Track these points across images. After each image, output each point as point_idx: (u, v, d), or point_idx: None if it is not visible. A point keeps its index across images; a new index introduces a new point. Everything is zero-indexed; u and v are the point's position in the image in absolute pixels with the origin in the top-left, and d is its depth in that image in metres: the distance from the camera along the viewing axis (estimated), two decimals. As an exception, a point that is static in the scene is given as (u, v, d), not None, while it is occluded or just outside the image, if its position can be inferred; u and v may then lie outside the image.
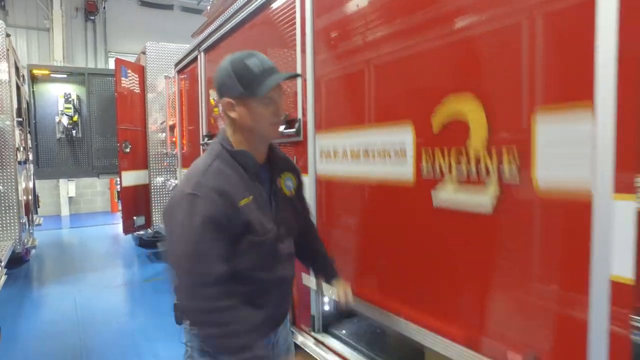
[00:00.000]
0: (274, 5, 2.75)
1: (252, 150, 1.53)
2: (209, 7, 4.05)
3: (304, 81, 2.43)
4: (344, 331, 2.38)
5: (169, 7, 13.72)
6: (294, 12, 2.51)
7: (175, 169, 5.71)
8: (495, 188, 1.41)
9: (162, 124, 6.25)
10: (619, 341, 1.11)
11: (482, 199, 1.44)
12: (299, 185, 1.74)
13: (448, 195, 1.57)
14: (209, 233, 1.36)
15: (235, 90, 1.45)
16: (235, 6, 3.20)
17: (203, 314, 1.37)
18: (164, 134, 6.34)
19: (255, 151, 1.54)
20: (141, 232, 6.38)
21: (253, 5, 2.96)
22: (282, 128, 2.62)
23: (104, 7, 12.77)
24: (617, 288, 1.10)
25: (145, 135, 6.27)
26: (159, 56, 6.38)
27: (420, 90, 1.73)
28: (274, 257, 1.55)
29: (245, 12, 3.09)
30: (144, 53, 6.41)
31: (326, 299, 2.45)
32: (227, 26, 3.43)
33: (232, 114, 1.48)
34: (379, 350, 2.20)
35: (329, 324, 2.47)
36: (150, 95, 6.36)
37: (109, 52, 12.78)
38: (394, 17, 1.84)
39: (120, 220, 6.46)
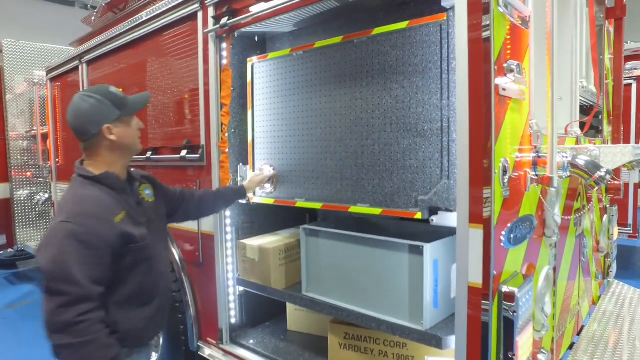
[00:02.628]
0: (177, 31, 2.84)
1: (121, 169, 1.75)
2: (93, 18, 3.86)
3: (207, 107, 2.59)
4: (251, 341, 2.59)
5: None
6: (196, 42, 2.65)
7: (47, 182, 5.23)
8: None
9: (27, 132, 5.65)
10: (473, 321, 1.55)
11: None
12: (157, 189, 1.98)
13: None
14: (82, 255, 1.48)
15: (112, 114, 1.68)
16: (130, 23, 3.18)
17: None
18: (26, 143, 5.74)
19: (122, 169, 1.77)
20: (0, 252, 5.69)
21: (151, 26, 2.99)
22: (184, 153, 2.74)
23: None
24: (472, 291, 1.54)
25: (4, 144, 5.59)
26: (19, 55, 5.75)
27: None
28: (154, 258, 1.75)
29: (141, 31, 3.09)
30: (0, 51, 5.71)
31: (232, 312, 2.63)
32: (117, 43, 3.37)
33: (112, 137, 1.68)
34: (284, 353, 2.46)
35: (236, 335, 2.65)
36: (9, 99, 5.69)
37: None
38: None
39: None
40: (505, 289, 1.55)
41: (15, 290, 5.94)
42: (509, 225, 1.61)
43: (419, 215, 1.85)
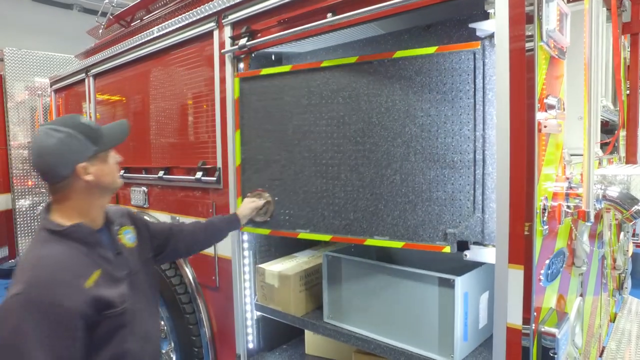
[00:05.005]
0: (191, 48, 2.77)
1: (97, 213, 1.51)
2: (101, 30, 3.78)
3: (224, 129, 2.52)
4: (269, 365, 2.55)
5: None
6: (211, 61, 2.58)
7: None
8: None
9: (29, 142, 5.56)
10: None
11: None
12: (140, 229, 1.77)
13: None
14: (45, 335, 1.26)
15: (88, 150, 1.43)
16: (140, 38, 3.11)
17: None
18: (27, 152, 5.66)
19: (99, 212, 1.53)
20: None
21: (163, 43, 2.92)
22: (199, 175, 2.66)
23: None
24: (511, 332, 1.50)
25: (6, 153, 5.50)
26: (20, 63, 5.67)
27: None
28: (137, 321, 1.53)
29: (153, 47, 3.02)
30: (1, 60, 5.63)
31: (250, 337, 2.58)
32: (127, 57, 3.30)
33: (88, 177, 1.44)
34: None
35: (254, 360, 2.61)
36: (10, 106, 5.61)
37: None
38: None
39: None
40: (544, 329, 1.51)
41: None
42: (546, 262, 1.57)
43: (447, 249, 1.75)
